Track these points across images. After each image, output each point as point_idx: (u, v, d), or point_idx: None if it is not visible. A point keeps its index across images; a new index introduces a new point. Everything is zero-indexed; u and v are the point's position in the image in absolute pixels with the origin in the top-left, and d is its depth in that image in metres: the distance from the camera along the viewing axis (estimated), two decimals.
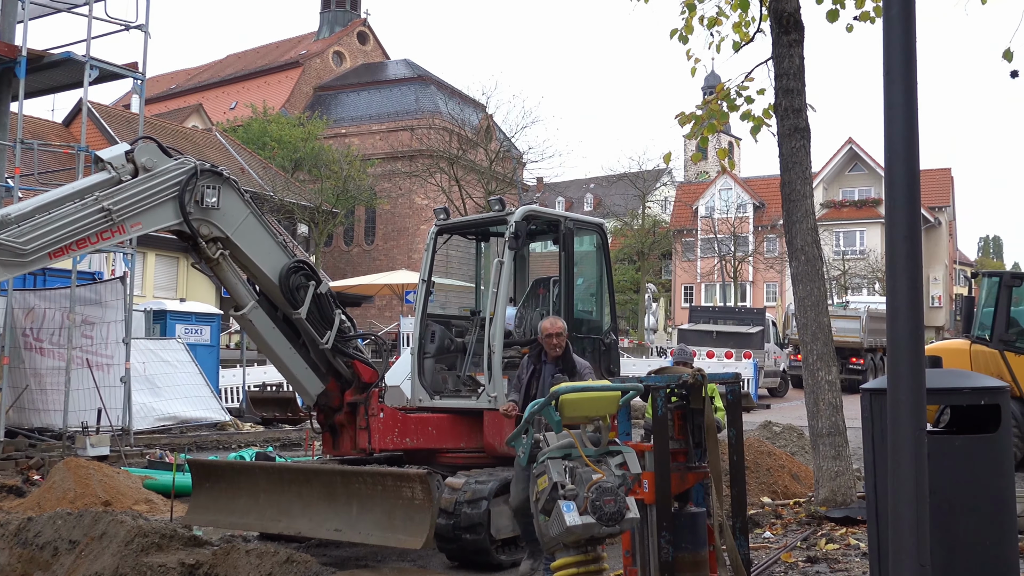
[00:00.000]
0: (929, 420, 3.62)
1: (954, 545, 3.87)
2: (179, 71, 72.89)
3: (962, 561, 3.89)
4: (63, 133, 34.61)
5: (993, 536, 3.94)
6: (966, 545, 3.90)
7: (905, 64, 2.86)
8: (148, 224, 7.28)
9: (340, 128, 55.39)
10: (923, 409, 2.84)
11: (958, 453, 3.95)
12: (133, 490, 10.32)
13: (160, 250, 31.66)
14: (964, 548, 3.90)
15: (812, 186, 9.31)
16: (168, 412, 17.20)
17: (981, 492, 3.95)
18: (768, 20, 9.38)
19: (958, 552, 3.89)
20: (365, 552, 7.92)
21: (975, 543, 3.90)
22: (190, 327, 21.02)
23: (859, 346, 30.29)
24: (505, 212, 8.55)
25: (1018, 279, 13.18)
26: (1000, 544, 3.96)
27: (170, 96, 64.95)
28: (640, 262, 55.99)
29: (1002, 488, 4.02)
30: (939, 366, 4.43)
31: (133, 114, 37.59)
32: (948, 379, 4.29)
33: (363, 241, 55.80)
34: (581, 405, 4.63)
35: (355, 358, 8.34)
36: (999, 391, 4.10)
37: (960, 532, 3.89)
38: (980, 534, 3.91)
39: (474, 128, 46.97)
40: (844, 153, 59.94)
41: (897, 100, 2.86)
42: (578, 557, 4.47)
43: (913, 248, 2.82)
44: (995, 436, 4.02)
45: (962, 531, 3.89)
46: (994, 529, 3.95)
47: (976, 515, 3.92)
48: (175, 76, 71.27)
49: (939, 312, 56.92)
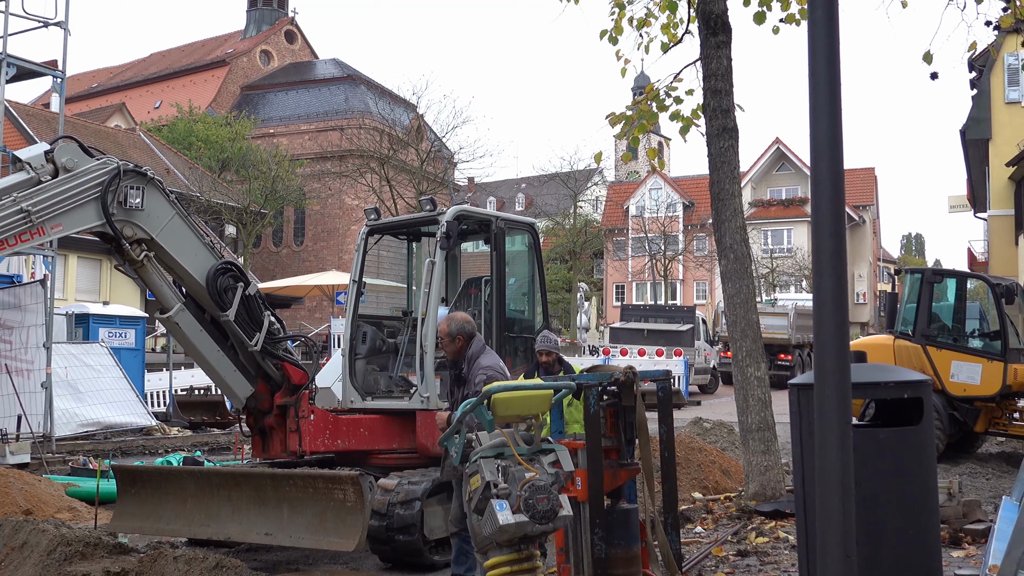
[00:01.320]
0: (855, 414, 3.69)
1: (879, 535, 3.96)
2: (101, 69, 71.18)
3: (886, 551, 3.97)
4: None
5: (916, 526, 4.03)
6: (890, 535, 3.98)
7: (829, 66, 2.90)
8: (69, 226, 7.10)
9: (268, 128, 54.67)
10: (849, 403, 2.89)
11: (882, 446, 4.03)
12: (55, 498, 10.08)
13: (82, 252, 30.89)
14: (888, 538, 3.98)
15: (740, 185, 9.46)
16: (92, 418, 16.79)
17: (905, 483, 4.04)
18: (696, 22, 9.50)
19: (882, 542, 3.97)
20: (296, 556, 7.83)
21: (899, 533, 3.99)
22: (114, 330, 20.53)
23: (787, 342, 30.87)
24: (436, 212, 8.53)
25: (939, 276, 13.58)
26: (923, 534, 4.05)
27: (92, 95, 63.42)
28: (572, 261, 56.28)
29: (925, 479, 4.12)
30: (864, 361, 4.53)
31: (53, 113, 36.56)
32: (872, 373, 4.37)
33: (292, 242, 55.14)
34: (513, 404, 4.62)
35: (285, 360, 8.24)
36: (921, 384, 4.20)
37: (884, 523, 3.97)
38: (904, 524, 4.00)
39: (405, 128, 46.71)
40: (772, 153, 61.03)
41: (822, 101, 2.90)
42: (511, 556, 4.47)
43: (838, 246, 2.87)
44: (918, 428, 4.11)
45: (886, 522, 3.98)
46: (917, 519, 4.04)
47: (900, 506, 4.01)
48: (97, 74, 69.59)
49: (864, 308, 58.32)
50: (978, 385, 12.59)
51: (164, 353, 24.86)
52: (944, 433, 12.47)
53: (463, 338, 6.26)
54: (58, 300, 19.42)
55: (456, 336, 6.24)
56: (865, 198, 60.37)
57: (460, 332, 6.25)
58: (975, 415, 12.79)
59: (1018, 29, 11.19)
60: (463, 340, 6.26)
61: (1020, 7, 9.50)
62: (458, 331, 6.25)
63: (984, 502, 8.85)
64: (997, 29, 10.25)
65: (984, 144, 30.72)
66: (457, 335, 6.24)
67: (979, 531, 7.43)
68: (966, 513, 7.74)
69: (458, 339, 6.24)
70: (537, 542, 4.66)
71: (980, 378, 12.59)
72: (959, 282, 13.90)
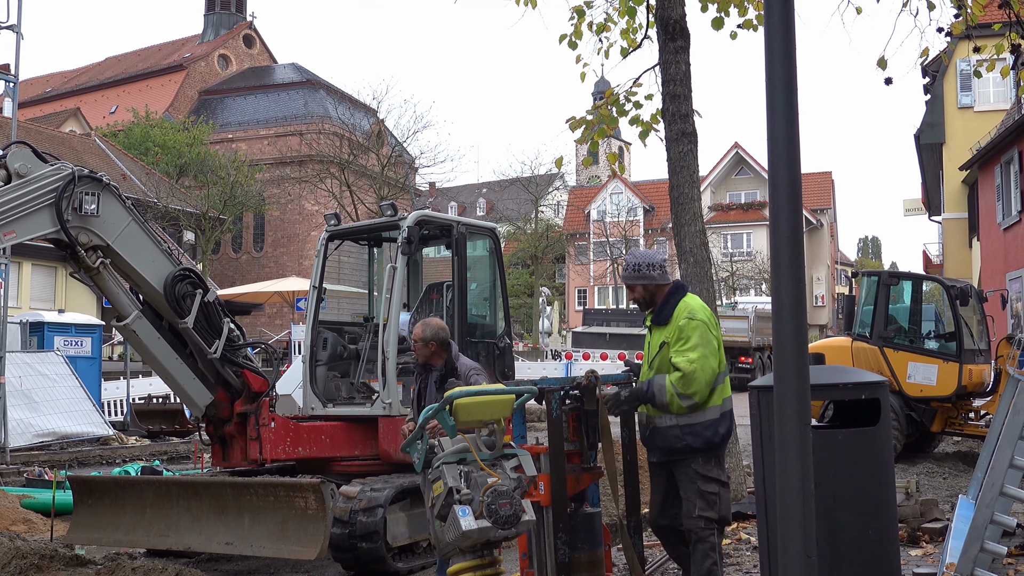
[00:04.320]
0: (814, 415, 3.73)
1: (838, 535, 4.00)
2: (55, 73, 70.20)
3: (846, 550, 4.02)
4: None
5: (875, 525, 4.08)
6: (849, 535, 4.03)
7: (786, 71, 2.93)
8: (23, 232, 6.98)
9: (227, 133, 54.20)
10: (808, 405, 2.91)
11: (841, 446, 4.08)
12: (10, 510, 9.90)
13: (36, 259, 30.40)
14: (847, 538, 4.03)
15: (700, 189, 9.51)
16: (47, 428, 16.52)
17: (863, 483, 4.09)
18: (655, 27, 9.55)
19: (842, 542, 4.02)
20: (258, 565, 7.76)
21: (858, 533, 4.03)
22: (69, 339, 20.23)
23: (747, 345, 31.13)
24: (397, 217, 8.50)
25: (895, 278, 13.75)
26: (881, 533, 4.10)
27: (45, 100, 62.50)
28: (534, 266, 56.41)
29: (882, 479, 4.17)
30: (823, 363, 4.58)
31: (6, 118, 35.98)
32: (831, 375, 4.42)
33: (252, 248, 54.69)
34: (475, 409, 4.61)
35: (245, 367, 8.16)
36: (878, 386, 4.26)
37: (844, 522, 4.02)
38: (863, 524, 4.05)
39: (365, 133, 46.56)
40: (731, 157, 61.55)
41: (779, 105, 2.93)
42: (474, 562, 4.46)
43: (796, 249, 2.90)
44: (875, 429, 4.16)
45: (846, 521, 4.02)
46: (875, 519, 4.09)
47: (859, 505, 4.06)
48: (51, 79, 68.59)
49: (822, 311, 58.95)
50: (934, 386, 12.75)
51: (121, 361, 24.54)
52: (902, 433, 12.63)
53: (436, 344, 6.18)
54: (12, 308, 19.12)
55: (430, 341, 6.17)
56: (823, 201, 61.07)
57: (434, 338, 6.18)
58: (932, 415, 12.96)
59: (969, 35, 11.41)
60: (436, 346, 6.19)
61: (971, 14, 9.66)
62: (432, 337, 6.18)
63: (941, 501, 8.98)
64: (949, 36, 10.42)
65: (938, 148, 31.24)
66: (431, 340, 6.17)
67: (936, 529, 7.53)
68: (924, 512, 7.84)
69: (431, 344, 6.17)
70: (499, 547, 4.65)
71: (936, 379, 12.76)
72: (915, 284, 14.09)
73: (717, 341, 5.43)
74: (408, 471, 7.55)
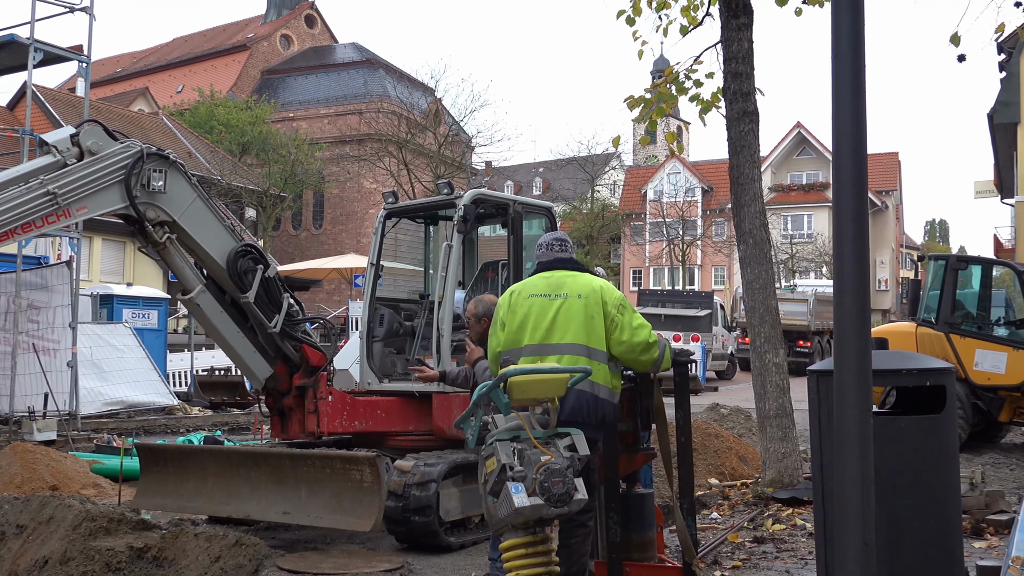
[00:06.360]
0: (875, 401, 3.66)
1: (898, 525, 3.93)
2: (125, 54, 71.46)
3: (907, 540, 3.94)
4: (7, 117, 33.77)
5: (937, 516, 3.99)
6: (910, 525, 3.95)
7: (853, 48, 2.87)
8: (94, 208, 7.18)
9: (288, 112, 54.77)
10: (869, 390, 2.86)
11: (903, 434, 4.00)
12: (81, 475, 10.19)
13: (107, 234, 31.11)
14: (908, 528, 3.95)
15: (760, 170, 9.38)
16: (115, 397, 16.98)
17: (926, 472, 4.00)
18: (717, 3, 9.40)
19: (903, 532, 3.95)
20: (314, 535, 7.88)
21: (919, 523, 3.95)
22: (137, 311, 20.70)
23: (806, 329, 30.72)
24: (454, 196, 8.50)
25: (963, 262, 13.41)
26: (944, 524, 4.02)
27: (116, 79, 63.69)
28: (589, 246, 56.20)
29: (946, 468, 4.08)
30: (885, 348, 4.49)
31: (78, 97, 36.78)
32: (894, 361, 4.33)
33: (311, 225, 55.30)
34: (529, 387, 4.62)
35: (303, 342, 8.28)
36: (944, 372, 4.15)
37: (904, 512, 3.94)
38: (924, 514, 3.96)
39: (423, 112, 46.65)
40: (792, 137, 60.59)
41: (845, 84, 2.87)
42: (527, 538, 4.48)
43: (860, 231, 2.84)
44: (940, 417, 4.07)
45: (906, 511, 3.94)
46: (938, 509, 4.00)
47: (921, 495, 3.97)
48: (121, 59, 69.86)
49: (886, 295, 57.90)
50: (1003, 374, 12.44)
51: (186, 334, 25.02)
52: (967, 422, 12.34)
53: (488, 320, 6.03)
54: (83, 281, 19.60)
55: (482, 317, 6.11)
56: (888, 183, 59.84)
57: (486, 314, 6.06)
58: (999, 404, 12.64)
59: None
60: (488, 322, 6.04)
61: None
62: (484, 312, 6.10)
63: (1007, 492, 8.77)
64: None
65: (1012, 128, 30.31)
66: (483, 316, 6.10)
67: (1002, 522, 7.35)
68: (988, 503, 7.67)
69: (483, 321, 6.09)
70: (551, 525, 4.67)
71: (1005, 367, 12.44)
72: (984, 269, 13.73)
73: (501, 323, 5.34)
74: (461, 447, 7.60)
